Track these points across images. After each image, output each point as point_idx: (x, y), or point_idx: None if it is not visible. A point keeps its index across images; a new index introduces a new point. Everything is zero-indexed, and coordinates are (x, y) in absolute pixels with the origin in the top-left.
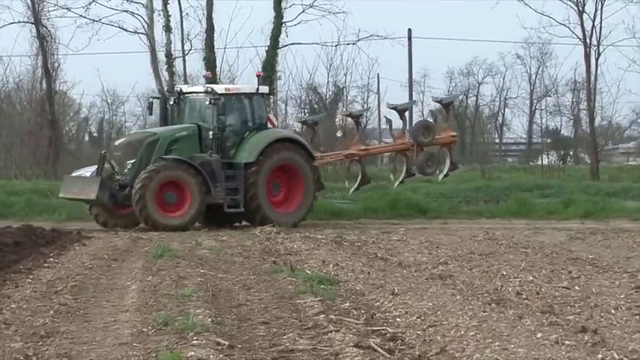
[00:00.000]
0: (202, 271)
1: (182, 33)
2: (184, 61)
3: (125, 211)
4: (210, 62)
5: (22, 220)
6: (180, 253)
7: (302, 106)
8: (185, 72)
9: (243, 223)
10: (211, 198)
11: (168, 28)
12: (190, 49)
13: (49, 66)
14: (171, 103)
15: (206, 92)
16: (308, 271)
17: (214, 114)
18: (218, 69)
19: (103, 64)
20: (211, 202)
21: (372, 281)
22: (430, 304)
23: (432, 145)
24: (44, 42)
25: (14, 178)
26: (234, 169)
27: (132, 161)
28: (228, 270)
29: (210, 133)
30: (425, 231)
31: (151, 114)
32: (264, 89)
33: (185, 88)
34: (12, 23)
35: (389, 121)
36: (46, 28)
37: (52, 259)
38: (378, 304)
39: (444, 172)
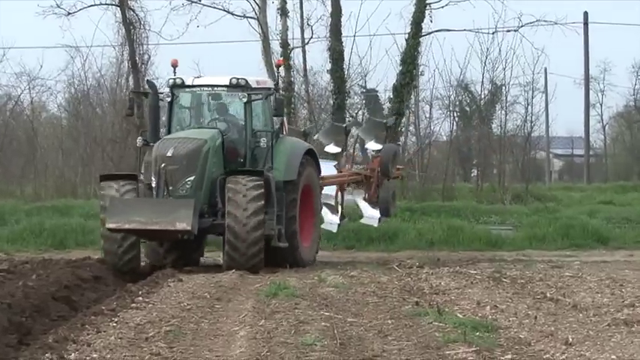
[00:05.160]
0: (327, 313)
1: (301, 17)
2: (304, 51)
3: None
4: (336, 53)
5: None
6: (299, 292)
7: (450, 108)
8: (305, 65)
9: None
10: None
11: (284, 12)
12: (311, 37)
13: (137, 58)
14: (168, 99)
15: (234, 86)
16: (459, 315)
17: (248, 114)
18: (346, 61)
19: (202, 55)
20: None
21: (539, 327)
22: (614, 356)
23: (394, 177)
24: (131, 29)
25: (94, 197)
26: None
27: (191, 178)
28: (359, 313)
29: (263, 140)
30: (606, 265)
31: (131, 114)
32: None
33: (190, 81)
34: (92, 6)
35: (361, 141)
36: (133, 11)
37: (140, 298)
38: (547, 355)
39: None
